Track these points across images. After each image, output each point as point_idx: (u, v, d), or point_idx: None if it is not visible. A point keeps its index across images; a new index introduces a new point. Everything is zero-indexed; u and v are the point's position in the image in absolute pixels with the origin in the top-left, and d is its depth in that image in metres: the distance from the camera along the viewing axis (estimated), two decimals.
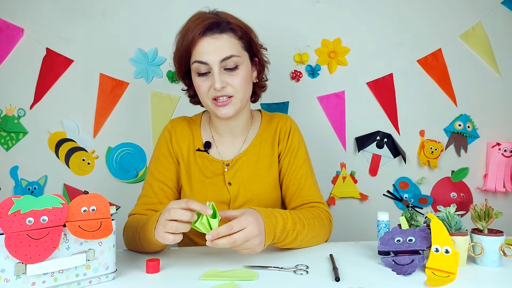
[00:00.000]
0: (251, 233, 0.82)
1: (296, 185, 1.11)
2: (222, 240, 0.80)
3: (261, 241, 0.85)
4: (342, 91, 1.68)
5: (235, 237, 0.80)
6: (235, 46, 1.02)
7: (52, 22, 1.57)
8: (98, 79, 1.59)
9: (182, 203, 0.82)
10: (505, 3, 1.69)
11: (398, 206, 1.71)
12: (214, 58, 0.99)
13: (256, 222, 0.84)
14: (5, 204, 0.68)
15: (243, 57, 1.04)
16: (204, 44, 1.00)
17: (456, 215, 0.87)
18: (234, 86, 1.02)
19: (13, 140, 1.56)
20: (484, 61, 1.70)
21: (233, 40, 1.03)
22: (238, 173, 1.12)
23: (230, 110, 1.03)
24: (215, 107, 1.04)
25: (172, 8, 1.63)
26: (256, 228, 0.83)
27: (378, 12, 1.68)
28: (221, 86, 1.00)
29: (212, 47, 1.00)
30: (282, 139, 1.15)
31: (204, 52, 1.00)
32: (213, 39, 1.00)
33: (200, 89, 1.04)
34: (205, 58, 1.00)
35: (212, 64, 1.00)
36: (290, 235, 0.93)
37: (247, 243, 0.82)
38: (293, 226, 0.93)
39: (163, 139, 1.16)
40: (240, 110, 1.07)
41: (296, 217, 0.96)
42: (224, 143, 1.16)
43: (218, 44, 1.00)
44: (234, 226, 0.81)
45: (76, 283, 0.74)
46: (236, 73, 1.02)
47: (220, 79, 1.00)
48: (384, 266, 0.84)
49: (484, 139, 1.72)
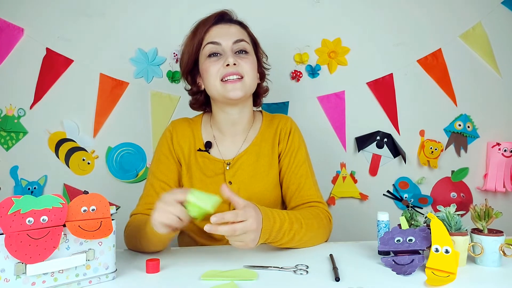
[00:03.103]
0: (250, 227, 0.82)
1: (296, 184, 1.11)
2: (224, 227, 0.80)
3: (255, 237, 0.85)
4: (342, 91, 1.68)
5: (236, 227, 0.80)
6: (245, 35, 1.12)
7: (52, 22, 1.57)
8: (98, 79, 1.59)
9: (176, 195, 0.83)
10: (505, 3, 1.69)
11: (398, 206, 1.71)
12: (227, 39, 1.07)
13: (256, 217, 0.85)
14: (5, 204, 0.68)
15: (251, 47, 1.12)
16: (217, 29, 1.09)
17: (456, 215, 0.87)
18: (244, 68, 1.07)
19: (13, 140, 1.56)
20: (484, 61, 1.70)
21: (243, 30, 1.13)
22: (238, 172, 1.12)
23: (240, 91, 1.06)
24: (225, 88, 1.06)
25: (172, 8, 1.63)
26: (255, 223, 0.84)
27: (378, 12, 1.68)
28: (233, 61, 1.04)
29: (224, 31, 1.09)
30: (283, 139, 1.16)
31: (217, 35, 1.08)
32: (225, 26, 1.10)
33: (210, 70, 1.07)
34: (219, 39, 1.07)
35: (224, 44, 1.07)
36: (287, 235, 0.93)
37: (243, 236, 0.83)
38: (290, 226, 0.93)
39: (164, 139, 1.17)
40: (247, 95, 1.10)
41: (294, 217, 0.96)
42: (225, 142, 1.16)
43: (231, 30, 1.09)
44: (239, 215, 0.81)
45: (76, 283, 0.74)
46: (247, 57, 1.09)
47: (233, 57, 1.06)
48: (384, 266, 0.84)
49: (484, 139, 1.72)
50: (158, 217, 0.82)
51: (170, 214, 0.82)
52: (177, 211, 0.82)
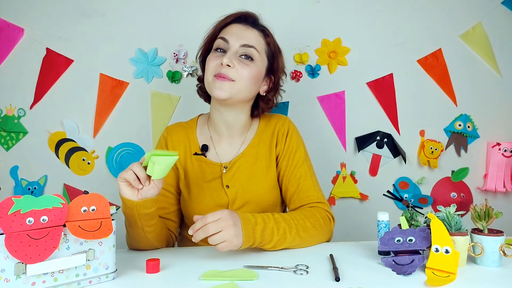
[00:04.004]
0: (225, 222, 0.86)
1: (295, 186, 1.11)
2: (199, 233, 0.86)
3: (236, 233, 0.87)
4: (342, 91, 1.68)
5: (209, 226, 0.85)
6: (260, 44, 1.09)
7: (52, 22, 1.57)
8: (98, 79, 1.59)
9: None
10: (505, 3, 1.69)
11: (398, 206, 1.71)
12: (236, 40, 1.06)
13: (230, 215, 0.88)
14: (5, 204, 0.68)
15: (261, 58, 1.09)
16: (234, 27, 1.08)
17: (456, 215, 0.87)
18: (240, 73, 1.04)
19: (13, 140, 1.57)
20: (484, 61, 1.70)
21: (260, 38, 1.10)
22: (236, 175, 1.11)
23: (225, 93, 1.03)
24: (213, 84, 1.05)
25: (172, 8, 1.63)
26: (230, 218, 0.87)
27: (378, 12, 1.68)
28: (227, 62, 1.02)
29: (239, 31, 1.07)
30: (280, 141, 1.15)
31: (230, 32, 1.07)
32: (244, 27, 1.08)
33: (209, 63, 1.07)
34: (229, 37, 1.06)
35: (231, 44, 1.05)
36: (276, 234, 0.93)
37: (223, 234, 0.85)
38: (277, 225, 0.94)
39: (159, 147, 1.18)
40: (235, 100, 1.07)
41: (280, 217, 0.97)
42: (222, 145, 1.15)
43: (246, 33, 1.07)
44: (208, 218, 0.86)
45: (76, 283, 0.74)
46: (249, 65, 1.06)
47: (231, 58, 1.04)
48: (384, 266, 0.84)
49: (484, 139, 1.72)
50: (120, 174, 0.88)
51: (129, 170, 0.87)
52: (134, 167, 0.87)
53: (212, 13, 1.16)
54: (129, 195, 0.89)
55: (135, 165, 0.87)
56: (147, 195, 0.90)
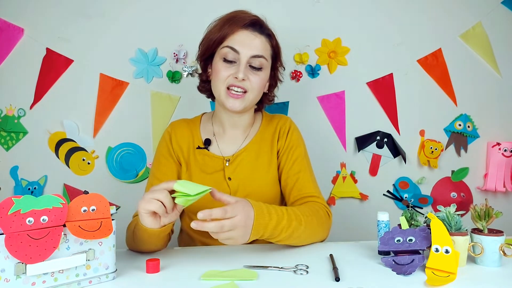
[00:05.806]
0: (238, 223, 0.82)
1: (294, 180, 1.13)
2: (211, 224, 0.79)
3: (245, 234, 0.84)
4: (342, 91, 1.68)
5: (224, 223, 0.80)
6: (267, 50, 1.10)
7: (52, 22, 1.57)
8: (98, 79, 1.59)
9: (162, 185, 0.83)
10: (505, 3, 1.69)
11: (398, 206, 1.71)
12: (247, 51, 1.06)
13: (246, 214, 0.84)
14: (5, 204, 0.68)
15: (268, 63, 1.11)
16: (243, 35, 1.07)
17: (456, 215, 0.87)
18: (252, 83, 1.07)
19: (13, 140, 1.56)
20: (484, 61, 1.70)
21: (267, 44, 1.11)
22: (238, 168, 1.13)
23: (240, 104, 1.07)
24: (227, 96, 1.07)
25: (172, 8, 1.63)
26: (244, 219, 0.83)
27: (378, 12, 1.68)
28: (243, 77, 1.04)
29: (249, 40, 1.06)
30: (281, 137, 1.18)
31: (240, 41, 1.06)
32: (252, 35, 1.07)
33: (219, 73, 1.07)
34: (238, 47, 1.05)
35: (242, 55, 1.05)
36: (285, 232, 0.93)
37: (232, 232, 0.82)
38: (289, 223, 0.93)
39: (163, 141, 1.18)
40: (247, 109, 1.12)
41: (293, 214, 0.96)
42: (225, 139, 1.18)
43: (255, 42, 1.07)
44: (228, 212, 0.81)
45: (76, 283, 0.74)
46: (259, 74, 1.09)
47: (245, 73, 1.06)
48: (384, 266, 0.84)
49: (484, 139, 1.72)
50: (143, 205, 0.82)
51: (154, 200, 0.81)
52: (161, 196, 0.81)
53: (212, 13, 1.16)
54: (151, 224, 0.85)
55: (161, 194, 0.81)
56: (170, 221, 0.87)
